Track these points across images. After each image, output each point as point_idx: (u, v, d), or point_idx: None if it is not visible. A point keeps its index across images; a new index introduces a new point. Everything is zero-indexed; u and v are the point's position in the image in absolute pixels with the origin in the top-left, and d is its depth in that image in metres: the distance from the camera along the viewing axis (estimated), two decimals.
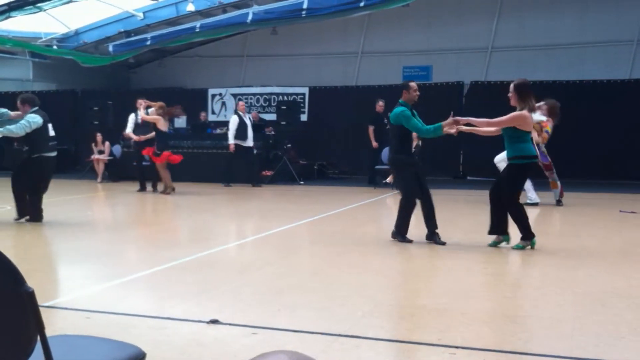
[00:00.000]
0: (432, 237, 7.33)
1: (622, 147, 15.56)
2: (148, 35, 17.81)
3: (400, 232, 7.39)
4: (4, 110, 8.78)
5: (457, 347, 3.75)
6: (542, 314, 4.48)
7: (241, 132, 14.62)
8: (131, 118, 13.98)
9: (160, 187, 13.17)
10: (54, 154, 8.81)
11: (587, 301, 4.80)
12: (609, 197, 12.47)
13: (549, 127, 10.62)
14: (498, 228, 7.08)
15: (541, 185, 11.21)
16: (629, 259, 6.45)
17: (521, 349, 3.76)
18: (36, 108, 8.60)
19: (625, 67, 16.93)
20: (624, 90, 16.11)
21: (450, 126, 7.11)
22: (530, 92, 7.05)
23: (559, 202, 11.06)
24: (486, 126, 7.13)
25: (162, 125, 12.97)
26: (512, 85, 7.05)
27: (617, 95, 15.96)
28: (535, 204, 10.79)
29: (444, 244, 7.21)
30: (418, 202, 7.38)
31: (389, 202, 12.05)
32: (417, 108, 7.56)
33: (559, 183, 11.09)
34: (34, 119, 8.44)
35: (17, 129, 8.31)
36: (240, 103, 15.44)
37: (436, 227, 7.35)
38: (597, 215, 9.97)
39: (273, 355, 1.42)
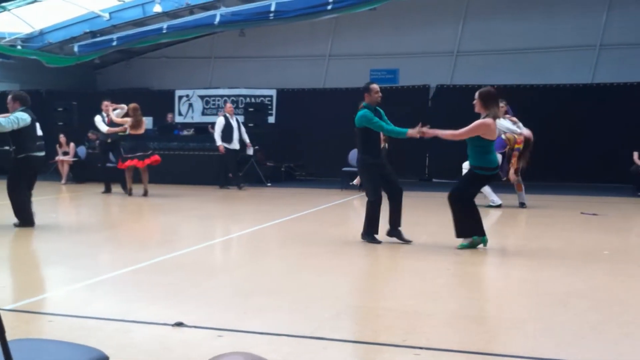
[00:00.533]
0: (394, 233, 7.41)
1: (585, 150, 15.87)
2: (114, 36, 17.62)
3: (368, 233, 7.45)
4: None
5: (421, 348, 3.79)
6: (505, 314, 4.56)
7: (226, 134, 14.56)
8: (98, 119, 13.80)
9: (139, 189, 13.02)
10: (42, 153, 8.68)
11: (550, 302, 4.88)
12: (572, 199, 12.69)
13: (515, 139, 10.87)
14: (472, 231, 7.15)
15: (505, 187, 11.39)
16: (590, 260, 6.57)
17: (484, 349, 3.82)
18: (24, 107, 8.44)
19: (588, 71, 17.26)
20: (586, 94, 16.43)
21: (414, 134, 7.20)
22: (495, 100, 7.14)
23: (522, 205, 11.23)
24: (451, 138, 7.20)
25: (132, 129, 12.90)
26: (477, 93, 7.14)
27: (580, 99, 16.28)
28: (498, 206, 10.94)
29: (409, 242, 7.28)
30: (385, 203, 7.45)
31: (357, 203, 12.10)
32: (384, 110, 7.64)
33: (523, 185, 11.28)
34: (22, 117, 8.28)
35: (5, 123, 8.13)
36: (228, 105, 15.41)
37: (399, 225, 7.43)
38: (560, 217, 10.13)
39: (228, 357, 1.43)
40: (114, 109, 13.34)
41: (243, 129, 14.93)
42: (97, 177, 14.18)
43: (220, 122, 14.64)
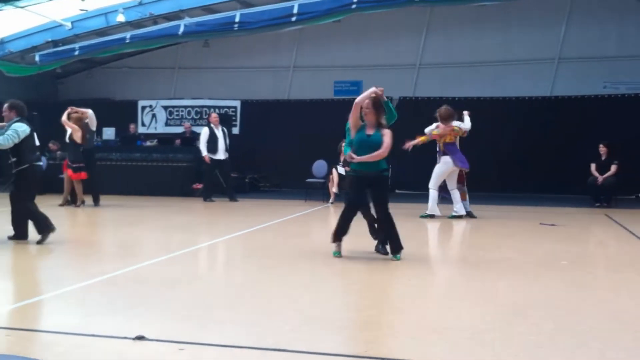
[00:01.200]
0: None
1: (543, 162, 16.18)
2: (76, 45, 17.42)
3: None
4: None
5: (383, 359, 3.83)
6: (464, 324, 4.62)
7: (211, 145, 14.48)
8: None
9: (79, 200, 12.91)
10: (40, 163, 8.46)
11: (508, 312, 4.96)
12: (531, 210, 12.91)
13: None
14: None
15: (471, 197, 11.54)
16: (549, 270, 6.70)
17: (444, 359, 3.87)
18: (20, 117, 8.12)
19: (547, 84, 17.62)
20: (545, 107, 16.78)
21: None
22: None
23: (470, 214, 11.35)
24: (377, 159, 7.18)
25: (77, 137, 12.78)
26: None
27: (539, 111, 16.62)
28: (460, 216, 11.10)
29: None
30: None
31: (320, 214, 12.15)
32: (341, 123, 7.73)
33: (467, 195, 11.47)
34: (21, 128, 7.95)
35: (4, 141, 7.80)
36: (213, 115, 15.27)
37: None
38: (518, 227, 10.30)
39: None
40: (74, 112, 13.16)
41: (228, 140, 14.79)
42: (57, 188, 13.98)
43: (205, 132, 14.59)
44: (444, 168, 11.12)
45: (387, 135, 7.03)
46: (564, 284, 6.05)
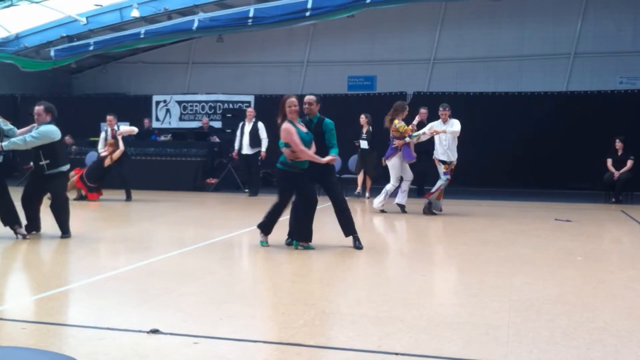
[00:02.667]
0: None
1: (559, 157, 16.07)
2: (91, 41, 17.53)
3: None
4: (11, 126, 8.28)
5: (396, 354, 3.82)
6: (479, 320, 4.60)
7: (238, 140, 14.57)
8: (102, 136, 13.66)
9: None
10: (67, 167, 8.44)
11: (522, 308, 4.94)
12: (546, 206, 12.82)
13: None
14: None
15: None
16: (563, 267, 6.66)
17: (458, 354, 3.86)
18: (52, 120, 8.12)
19: (562, 79, 17.49)
20: (561, 102, 16.66)
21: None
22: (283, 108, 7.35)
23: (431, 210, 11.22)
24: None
25: (115, 155, 12.88)
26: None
27: (554, 106, 16.50)
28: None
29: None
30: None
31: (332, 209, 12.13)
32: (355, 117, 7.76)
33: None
34: (50, 131, 7.93)
35: (23, 142, 7.82)
36: (249, 109, 15.18)
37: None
38: (534, 223, 10.23)
39: None
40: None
41: (261, 134, 14.59)
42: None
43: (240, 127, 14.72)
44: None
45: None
46: (578, 280, 6.02)
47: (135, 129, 13.54)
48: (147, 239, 8.82)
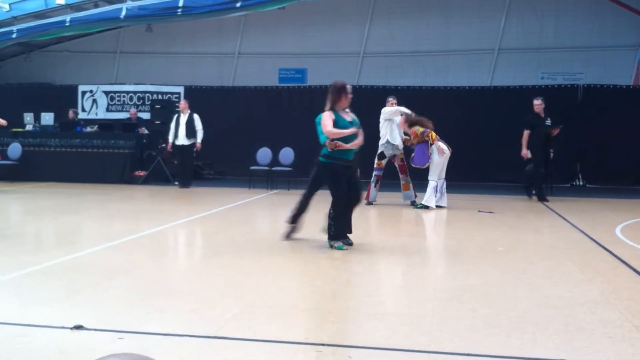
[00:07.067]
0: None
1: (482, 151, 16.52)
2: (14, 28, 16.89)
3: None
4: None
5: (323, 345, 3.88)
6: (403, 310, 4.72)
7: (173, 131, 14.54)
8: None
9: None
10: None
11: (445, 298, 5.09)
12: (469, 198, 13.17)
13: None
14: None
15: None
16: (486, 257, 6.87)
17: (383, 344, 3.95)
18: None
19: (486, 74, 17.97)
20: (485, 97, 17.13)
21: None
22: (339, 94, 7.43)
23: (414, 203, 11.51)
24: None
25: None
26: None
27: (479, 101, 16.95)
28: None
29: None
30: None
31: (264, 202, 12.15)
32: (295, 111, 7.76)
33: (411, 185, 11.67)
34: None
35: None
36: (182, 101, 15.22)
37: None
38: (457, 215, 10.50)
39: (114, 358, 1.45)
40: None
41: (197, 125, 14.67)
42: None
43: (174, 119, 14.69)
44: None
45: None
46: (499, 270, 6.23)
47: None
48: (72, 233, 8.63)
